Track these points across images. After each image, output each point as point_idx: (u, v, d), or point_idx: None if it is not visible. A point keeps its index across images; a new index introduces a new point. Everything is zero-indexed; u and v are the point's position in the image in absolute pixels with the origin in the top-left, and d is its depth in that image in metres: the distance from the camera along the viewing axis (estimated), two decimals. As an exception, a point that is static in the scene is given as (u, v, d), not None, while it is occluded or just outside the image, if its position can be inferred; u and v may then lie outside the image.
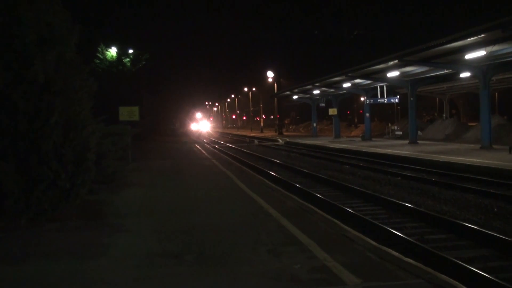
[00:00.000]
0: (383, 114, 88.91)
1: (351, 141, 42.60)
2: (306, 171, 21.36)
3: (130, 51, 31.75)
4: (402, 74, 32.88)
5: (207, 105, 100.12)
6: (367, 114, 44.19)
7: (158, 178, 17.17)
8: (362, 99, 49.00)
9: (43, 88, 8.81)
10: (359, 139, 45.42)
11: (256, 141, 52.00)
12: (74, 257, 7.01)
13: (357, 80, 38.99)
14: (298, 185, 16.81)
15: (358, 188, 15.63)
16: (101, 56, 29.48)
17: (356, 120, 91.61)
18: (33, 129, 8.64)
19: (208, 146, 39.37)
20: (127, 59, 31.39)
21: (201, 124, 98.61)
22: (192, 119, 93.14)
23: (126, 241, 7.93)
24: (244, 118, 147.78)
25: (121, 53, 30.89)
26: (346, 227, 8.88)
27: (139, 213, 10.55)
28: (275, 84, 75.88)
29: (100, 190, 13.07)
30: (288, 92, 60.82)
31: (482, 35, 20.33)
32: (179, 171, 19.34)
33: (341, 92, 48.06)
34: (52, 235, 8.43)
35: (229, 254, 6.96)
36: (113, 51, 30.39)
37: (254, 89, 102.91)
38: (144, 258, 6.84)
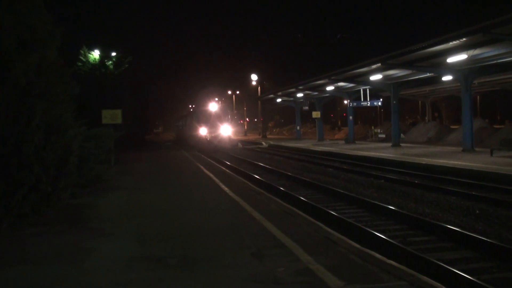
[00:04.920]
0: (366, 117, 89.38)
1: (335, 144, 42.73)
2: (289, 174, 21.39)
3: (113, 53, 31.57)
4: (385, 77, 33.09)
5: (191, 108, 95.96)
6: (351, 117, 44.40)
7: (140, 180, 17.09)
8: (345, 102, 49.27)
9: (25, 91, 8.73)
10: (343, 142, 45.57)
11: (240, 144, 51.98)
12: (56, 261, 6.95)
13: (341, 83, 39.16)
14: (281, 188, 16.81)
15: (342, 191, 15.67)
16: (83, 59, 29.24)
17: (339, 123, 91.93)
18: (14, 133, 8.55)
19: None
20: (110, 62, 31.21)
21: (219, 127, 44.06)
22: (200, 118, 44.78)
23: (109, 245, 7.87)
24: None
25: (104, 56, 30.70)
26: (329, 229, 8.90)
27: (122, 216, 10.47)
28: (259, 87, 75.97)
29: (83, 193, 12.97)
30: (271, 95, 60.94)
31: (464, 38, 20.53)
32: (162, 174, 19.28)
33: (324, 95, 48.24)
34: (34, 239, 8.34)
35: (212, 257, 6.94)
36: (95, 54, 30.19)
37: (238, 92, 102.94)
38: (127, 262, 6.80)
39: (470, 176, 17.89)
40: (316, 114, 51.30)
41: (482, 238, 9.19)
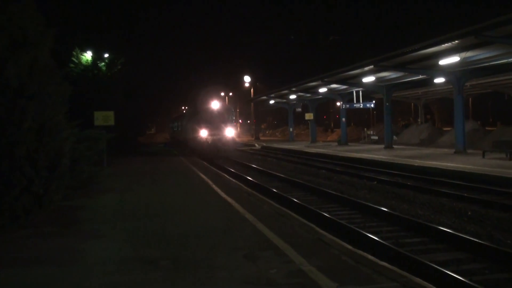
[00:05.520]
0: (359, 119, 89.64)
1: (328, 146, 42.77)
2: (282, 175, 21.38)
3: (106, 55, 31.49)
4: (377, 79, 33.12)
5: (183, 109, 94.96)
6: (343, 119, 44.44)
7: (133, 182, 17.04)
8: (338, 104, 49.27)
9: (16, 92, 8.70)
10: (336, 143, 45.60)
11: (232, 146, 51.83)
12: (48, 263, 6.92)
13: (333, 85, 39.18)
14: (274, 190, 16.80)
15: (334, 193, 15.68)
16: (76, 60, 29.12)
17: (332, 125, 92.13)
18: (6, 134, 8.52)
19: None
20: (103, 64, 31.12)
21: (223, 128, 35.44)
22: (200, 118, 36.11)
23: (101, 247, 7.84)
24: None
25: (97, 57, 30.61)
26: (322, 231, 8.91)
27: (114, 218, 10.44)
28: (252, 89, 75.98)
29: (75, 195, 12.94)
30: (264, 97, 60.87)
31: (456, 41, 20.59)
32: (155, 176, 19.23)
33: (317, 97, 48.25)
34: (26, 241, 8.31)
35: (205, 259, 6.93)
36: (88, 55, 30.10)
37: (230, 94, 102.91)
38: (120, 264, 6.78)
39: (462, 178, 17.95)
40: (309, 116, 51.32)
41: (474, 239, 9.22)
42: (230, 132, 35.54)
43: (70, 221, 10.08)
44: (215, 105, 36.35)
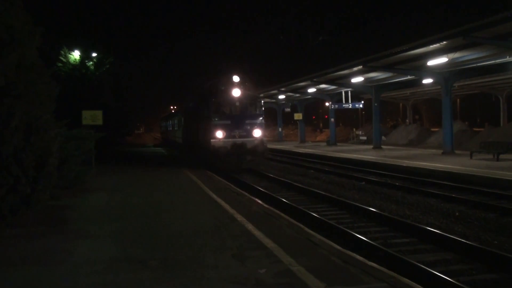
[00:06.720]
0: (348, 119, 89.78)
1: (316, 146, 42.84)
2: (271, 175, 21.37)
3: (94, 54, 31.36)
4: (366, 79, 33.23)
5: (172, 109, 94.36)
6: (332, 119, 44.51)
7: (121, 182, 16.96)
8: (327, 104, 49.37)
9: (3, 91, 8.62)
10: (324, 144, 45.71)
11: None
12: (34, 264, 6.86)
13: (322, 85, 39.25)
14: (263, 190, 16.79)
15: (323, 193, 15.69)
16: (64, 59, 29.01)
17: (321, 125, 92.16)
18: (-7, 133, 8.44)
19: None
20: (91, 63, 30.99)
21: (250, 127, 22.98)
22: (210, 112, 23.00)
23: (89, 247, 7.79)
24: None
25: (85, 56, 30.48)
26: (311, 231, 8.92)
27: (102, 218, 10.39)
28: (241, 89, 75.77)
29: (63, 195, 12.85)
30: (253, 97, 60.72)
31: (444, 42, 20.70)
32: (142, 175, 19.16)
33: (306, 97, 48.32)
34: (12, 241, 8.24)
35: (193, 259, 6.91)
36: (76, 55, 29.96)
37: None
38: (107, 264, 6.74)
39: (450, 178, 18.04)
40: (298, 116, 51.36)
41: (462, 240, 9.26)
42: (257, 133, 23.81)
43: (57, 221, 10.02)
44: (236, 93, 24.85)
